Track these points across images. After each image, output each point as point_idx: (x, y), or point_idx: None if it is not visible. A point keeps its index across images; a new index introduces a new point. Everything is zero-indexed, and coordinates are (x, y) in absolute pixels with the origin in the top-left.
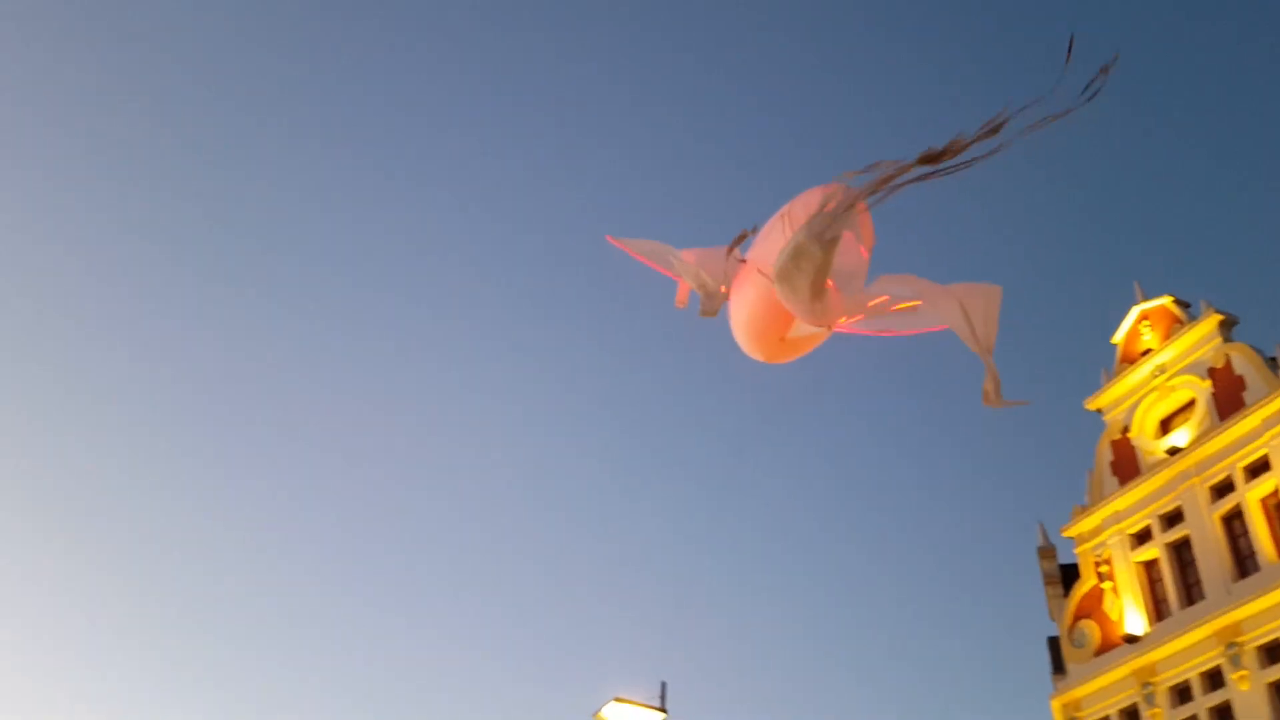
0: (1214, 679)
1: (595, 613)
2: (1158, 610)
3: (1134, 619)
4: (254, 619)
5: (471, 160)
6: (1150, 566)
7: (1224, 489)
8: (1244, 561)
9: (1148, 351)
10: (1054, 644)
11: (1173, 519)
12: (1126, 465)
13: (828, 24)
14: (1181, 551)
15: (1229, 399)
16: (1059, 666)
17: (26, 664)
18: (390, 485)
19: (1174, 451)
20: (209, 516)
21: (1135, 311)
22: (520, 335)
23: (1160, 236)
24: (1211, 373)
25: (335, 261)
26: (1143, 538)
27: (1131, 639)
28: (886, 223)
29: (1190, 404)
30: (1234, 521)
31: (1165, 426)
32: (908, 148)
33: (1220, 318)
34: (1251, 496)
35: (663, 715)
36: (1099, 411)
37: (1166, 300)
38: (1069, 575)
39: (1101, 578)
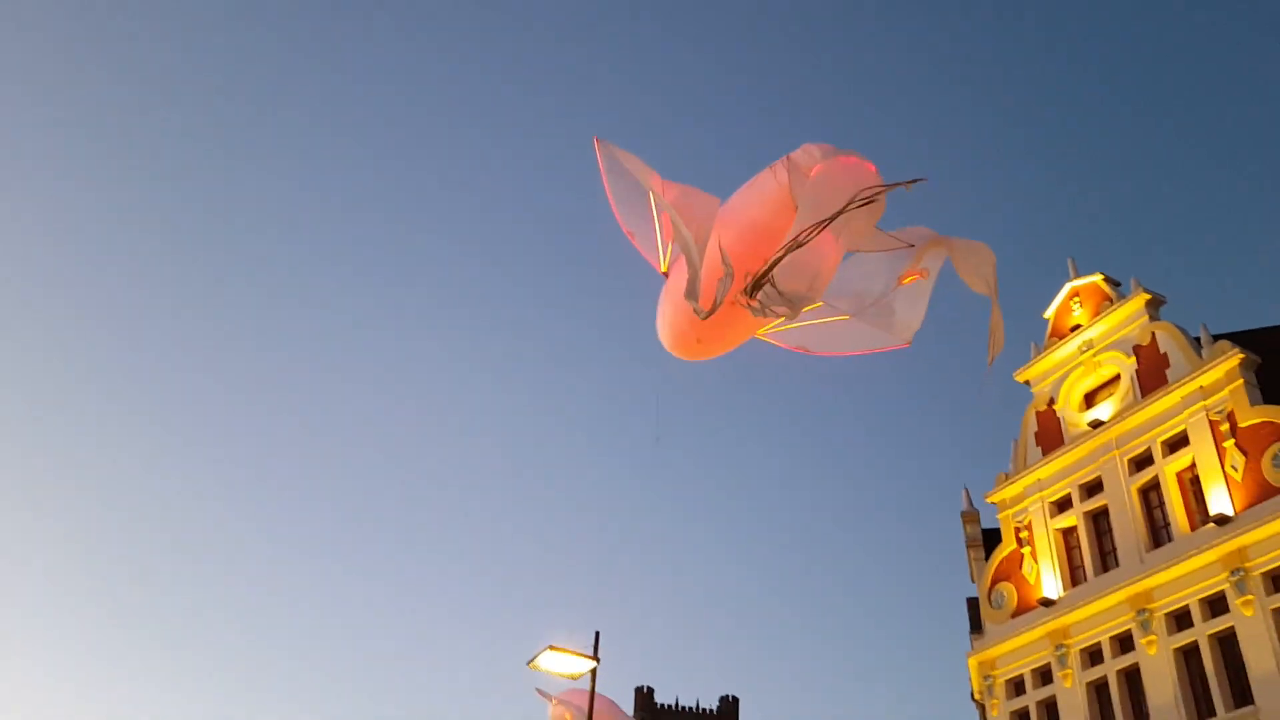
0: (1124, 643)
1: (534, 568)
2: (1074, 576)
3: (1050, 583)
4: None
5: (473, 160)
6: (1069, 534)
7: (1143, 462)
8: (1158, 532)
9: (1077, 327)
10: (973, 604)
11: (1092, 489)
12: (1051, 436)
13: (827, 24)
14: (1099, 520)
15: (1152, 376)
16: (977, 626)
17: (27, 664)
18: (347, 456)
19: (1097, 424)
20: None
21: (1067, 288)
22: (478, 304)
23: (1096, 216)
24: (1137, 350)
25: (327, 255)
26: (1063, 506)
27: (1047, 602)
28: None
29: (1115, 379)
30: (1151, 493)
31: (1090, 400)
32: (905, 145)
33: (1148, 297)
34: (1169, 470)
35: (594, 663)
36: (1027, 383)
37: (1097, 278)
38: (991, 540)
39: (1021, 543)
